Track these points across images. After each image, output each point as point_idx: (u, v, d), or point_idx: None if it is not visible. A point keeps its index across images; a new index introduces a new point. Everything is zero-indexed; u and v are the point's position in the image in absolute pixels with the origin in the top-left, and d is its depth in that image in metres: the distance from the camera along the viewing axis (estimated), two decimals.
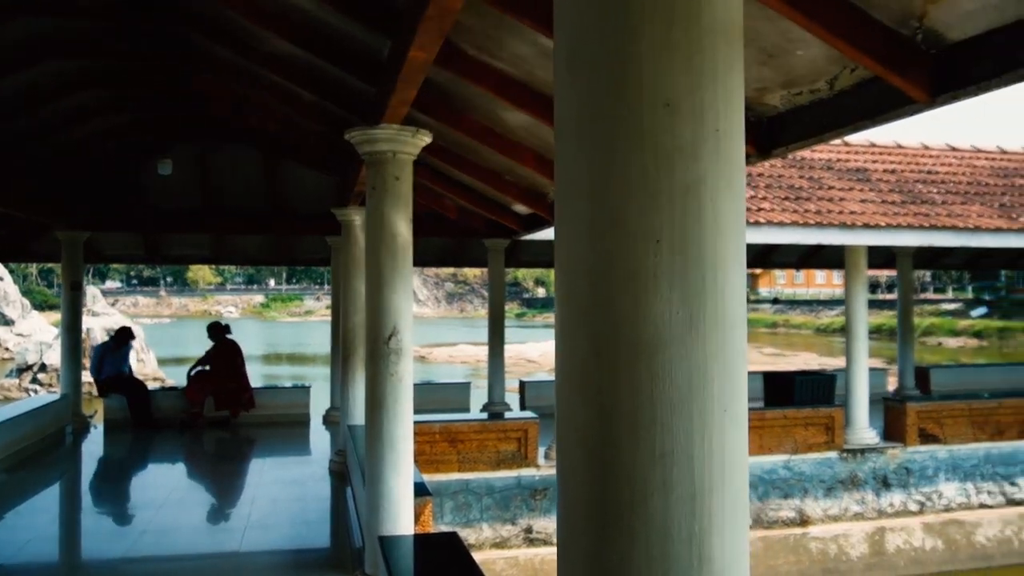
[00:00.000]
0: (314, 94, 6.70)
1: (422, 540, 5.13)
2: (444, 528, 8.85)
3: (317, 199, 10.61)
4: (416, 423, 8.66)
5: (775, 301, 71.99)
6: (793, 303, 69.62)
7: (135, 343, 26.91)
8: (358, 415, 7.96)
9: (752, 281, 77.31)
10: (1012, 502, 11.15)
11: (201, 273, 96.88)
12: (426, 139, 5.30)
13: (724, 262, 1.21)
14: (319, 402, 13.71)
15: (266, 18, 5.37)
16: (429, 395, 13.95)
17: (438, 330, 60.23)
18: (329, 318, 13.49)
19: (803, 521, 10.35)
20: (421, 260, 16.01)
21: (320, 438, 11.78)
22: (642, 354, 1.18)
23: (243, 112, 9.58)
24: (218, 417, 12.13)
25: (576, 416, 1.25)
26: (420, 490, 5.93)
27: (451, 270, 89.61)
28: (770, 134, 3.88)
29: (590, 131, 1.24)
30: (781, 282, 77.37)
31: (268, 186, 11.07)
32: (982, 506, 11.03)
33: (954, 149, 14.92)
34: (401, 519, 5.26)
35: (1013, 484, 11.19)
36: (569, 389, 1.27)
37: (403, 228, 5.31)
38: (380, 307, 5.29)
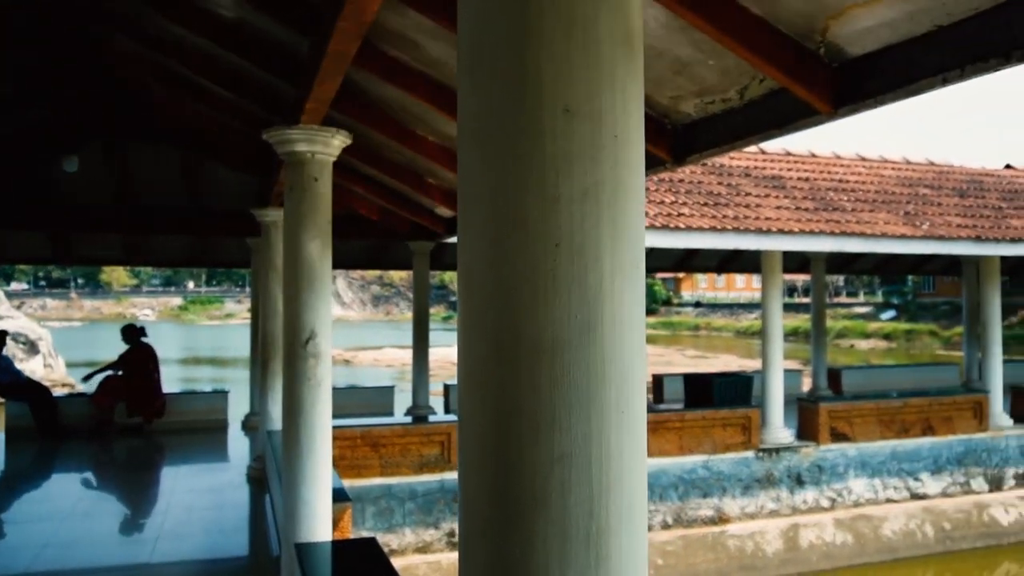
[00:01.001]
0: (233, 92, 6.55)
1: (340, 546, 5.05)
2: (366, 534, 8.74)
3: (237, 199, 10.36)
4: (337, 428, 8.56)
5: (697, 304, 73.71)
6: (714, 306, 71.41)
7: (42, 347, 25.78)
8: (277, 420, 7.81)
9: (675, 285, 78.99)
10: (915, 496, 11.68)
11: (115, 274, 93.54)
12: (346, 140, 5.24)
13: (622, 265, 1.23)
14: (238, 407, 13.40)
15: (183, 14, 5.23)
16: (353, 399, 13.81)
17: (363, 333, 59.57)
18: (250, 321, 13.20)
19: (721, 519, 10.61)
20: (344, 262, 15.81)
21: (239, 444, 11.51)
22: (542, 356, 1.19)
23: (160, 109, 9.29)
24: (131, 424, 11.72)
25: (476, 417, 1.25)
26: (339, 496, 5.85)
27: (377, 272, 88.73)
28: (685, 141, 3.97)
29: (490, 135, 1.24)
30: (703, 286, 79.24)
31: (186, 185, 10.76)
32: (888, 501, 11.51)
33: (863, 159, 15.55)
34: (319, 526, 5.17)
35: (916, 479, 11.72)
36: (470, 391, 1.28)
37: (322, 230, 5.23)
38: (298, 310, 5.19)
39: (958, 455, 11.99)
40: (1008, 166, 17.95)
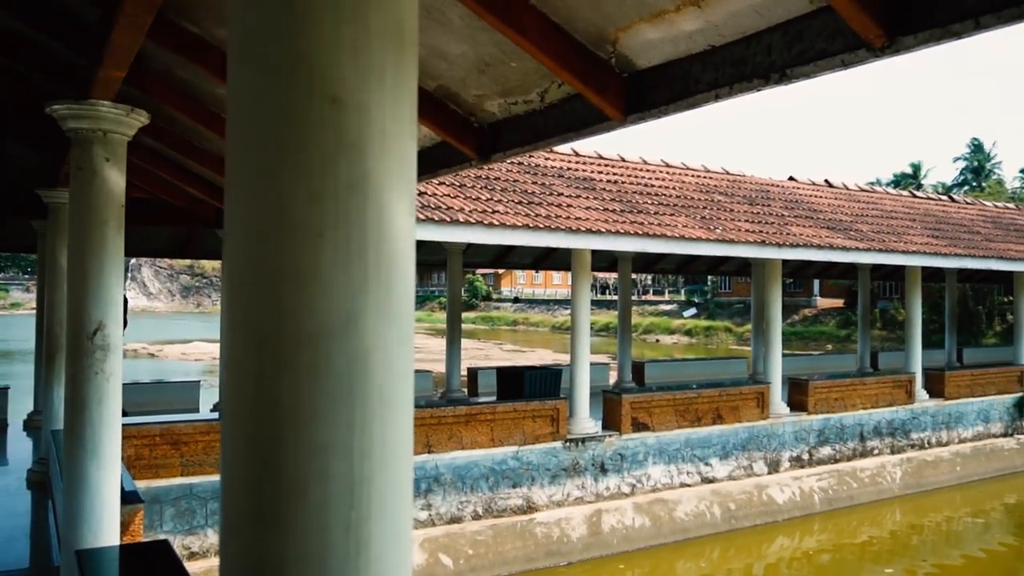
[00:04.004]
0: (12, 60, 5.96)
1: (128, 551, 4.76)
2: (163, 537, 8.27)
3: (23, 178, 9.44)
4: (132, 426, 8.05)
5: (516, 300, 75.49)
6: (532, 302, 73.45)
7: None
8: (63, 418, 7.23)
9: (495, 280, 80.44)
10: (706, 480, 12.62)
11: None
12: (142, 119, 4.95)
13: (388, 257, 1.25)
14: (21, 405, 12.28)
15: None
16: (155, 395, 13.06)
17: (171, 325, 56.23)
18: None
19: (530, 508, 10.95)
20: (148, 250, 14.85)
21: (20, 446, 10.55)
22: (303, 347, 1.19)
23: None
24: None
25: (237, 411, 1.24)
26: (130, 498, 5.53)
27: (188, 262, 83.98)
28: (491, 139, 4.06)
29: (257, 124, 1.22)
30: (521, 282, 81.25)
31: None
32: (682, 485, 12.36)
33: (668, 166, 16.55)
34: (105, 530, 4.84)
35: (707, 464, 12.66)
36: (231, 383, 1.25)
37: (114, 213, 4.90)
38: (85, 299, 4.85)
39: (743, 441, 13.08)
40: (791, 178, 19.75)
